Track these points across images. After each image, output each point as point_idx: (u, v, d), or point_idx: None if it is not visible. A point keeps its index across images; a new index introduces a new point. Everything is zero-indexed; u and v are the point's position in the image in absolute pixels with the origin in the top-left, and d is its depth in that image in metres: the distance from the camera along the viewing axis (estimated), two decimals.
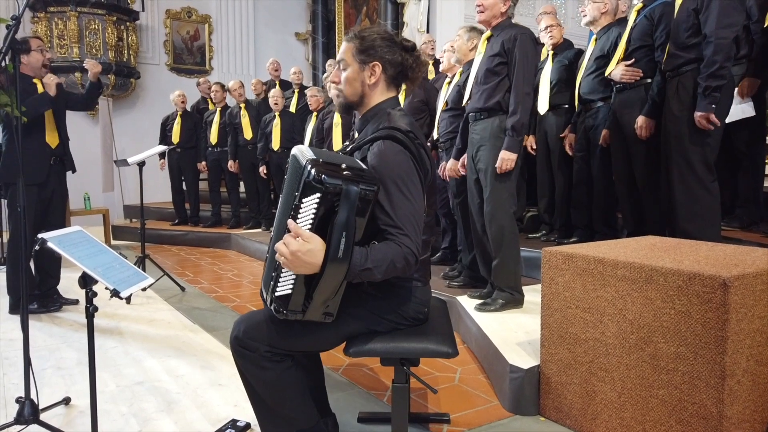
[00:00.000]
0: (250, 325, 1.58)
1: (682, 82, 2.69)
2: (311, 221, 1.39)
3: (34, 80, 3.48)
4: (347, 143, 1.79)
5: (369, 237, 1.47)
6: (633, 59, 3.11)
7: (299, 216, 1.39)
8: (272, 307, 1.47)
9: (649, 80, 3.05)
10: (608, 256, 1.91)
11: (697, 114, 2.56)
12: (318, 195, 1.36)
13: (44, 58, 3.49)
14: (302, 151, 1.51)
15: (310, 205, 1.38)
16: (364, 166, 1.51)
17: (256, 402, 1.66)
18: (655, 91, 2.94)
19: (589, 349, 1.96)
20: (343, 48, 1.71)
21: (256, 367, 1.57)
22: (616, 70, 3.18)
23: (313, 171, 1.36)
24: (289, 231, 1.39)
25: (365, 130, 1.69)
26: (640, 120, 2.98)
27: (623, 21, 3.48)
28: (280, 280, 1.45)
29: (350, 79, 1.68)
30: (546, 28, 4.02)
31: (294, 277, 1.43)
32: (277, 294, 1.45)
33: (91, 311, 1.69)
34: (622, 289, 1.84)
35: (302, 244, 1.36)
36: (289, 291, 1.44)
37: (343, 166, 1.42)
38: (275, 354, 1.57)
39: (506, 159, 2.72)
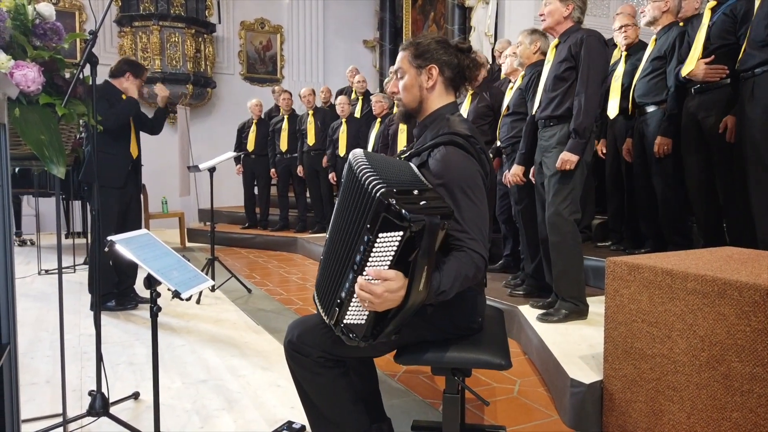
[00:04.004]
0: (304, 330, 1.60)
1: (758, 83, 2.51)
2: (391, 258, 1.30)
3: (123, 96, 3.69)
4: (404, 149, 1.78)
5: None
6: (713, 57, 2.93)
7: (375, 249, 1.31)
8: (339, 333, 1.43)
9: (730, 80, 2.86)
10: (677, 267, 1.80)
11: None
12: (400, 233, 1.27)
13: (142, 88, 3.72)
14: (360, 165, 1.42)
15: (390, 241, 1.29)
16: (428, 184, 1.42)
17: (308, 405, 1.67)
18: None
19: (656, 365, 1.85)
20: (399, 57, 1.72)
21: (309, 372, 1.59)
22: (697, 69, 3.01)
23: (392, 206, 1.25)
24: (359, 263, 1.33)
25: (424, 136, 1.68)
26: (730, 122, 2.79)
27: (696, 18, 3.30)
28: (351, 310, 1.39)
29: (408, 86, 1.68)
30: (620, 27, 3.87)
31: (368, 312, 1.38)
32: (346, 322, 1.41)
33: (155, 311, 1.76)
34: (693, 304, 1.73)
35: (388, 284, 1.29)
36: (362, 322, 1.40)
37: (416, 192, 1.32)
38: (328, 360, 1.57)
39: (566, 160, 2.66)
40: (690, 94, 3.11)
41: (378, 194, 1.28)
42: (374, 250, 1.31)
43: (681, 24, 3.50)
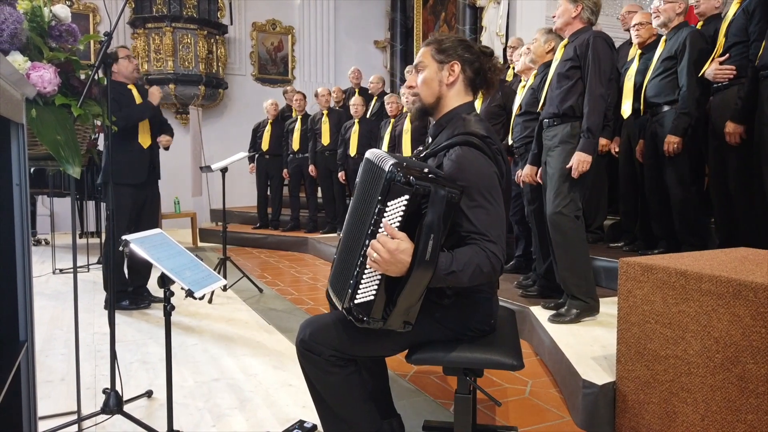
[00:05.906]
0: (316, 329, 1.61)
1: None
2: (398, 224, 1.39)
3: (129, 86, 3.72)
4: (420, 148, 1.77)
5: (452, 246, 1.47)
6: (728, 56, 2.91)
7: (384, 216, 1.39)
8: (351, 317, 1.45)
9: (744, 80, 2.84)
10: (691, 268, 1.78)
11: None
12: (406, 197, 1.37)
13: (132, 64, 3.72)
14: (377, 155, 1.51)
15: (397, 207, 1.38)
16: (441, 171, 1.49)
17: (319, 404, 1.68)
18: (743, 92, 2.73)
19: (670, 367, 1.84)
20: (421, 52, 1.71)
21: (321, 371, 1.60)
22: (709, 69, 2.99)
23: (399, 174, 1.36)
24: (369, 234, 1.40)
25: (440, 137, 1.67)
26: (729, 126, 2.78)
27: (716, 17, 3.27)
28: (361, 286, 1.44)
29: (428, 80, 1.67)
30: (634, 26, 3.84)
31: (377, 283, 1.43)
32: (357, 301, 1.44)
33: (168, 309, 1.78)
34: (707, 305, 1.72)
35: (398, 243, 1.36)
36: (372, 297, 1.44)
37: (426, 170, 1.41)
38: (339, 359, 1.58)
39: (581, 161, 2.64)
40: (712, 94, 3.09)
41: (389, 166, 1.38)
42: (384, 216, 1.39)
43: (700, 25, 3.47)
